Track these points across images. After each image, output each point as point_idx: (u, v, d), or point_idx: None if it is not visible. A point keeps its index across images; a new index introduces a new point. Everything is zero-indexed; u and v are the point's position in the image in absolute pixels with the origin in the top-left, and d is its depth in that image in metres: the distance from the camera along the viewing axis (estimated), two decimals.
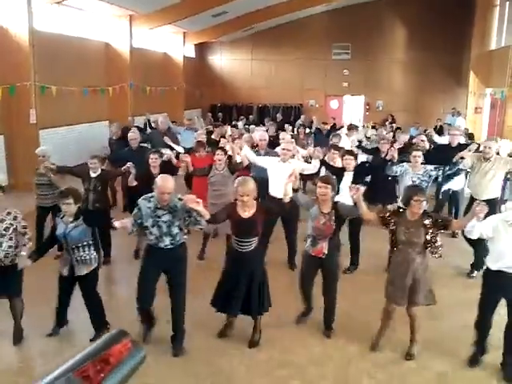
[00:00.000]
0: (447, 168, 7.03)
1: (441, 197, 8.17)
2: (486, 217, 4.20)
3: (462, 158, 6.97)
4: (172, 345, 4.61)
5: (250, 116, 16.84)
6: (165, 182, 4.30)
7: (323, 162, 6.84)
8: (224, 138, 9.81)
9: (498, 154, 7.17)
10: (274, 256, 6.43)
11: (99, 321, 4.79)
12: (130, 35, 15.26)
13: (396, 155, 6.64)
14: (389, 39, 21.70)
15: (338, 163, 6.93)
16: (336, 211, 4.71)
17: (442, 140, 10.44)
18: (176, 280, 4.53)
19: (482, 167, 6.59)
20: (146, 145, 9.34)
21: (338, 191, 5.67)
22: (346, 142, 9.83)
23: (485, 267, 4.44)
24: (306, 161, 7.46)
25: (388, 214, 4.49)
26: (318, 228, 4.70)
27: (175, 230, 4.42)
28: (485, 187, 6.57)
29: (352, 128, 11.25)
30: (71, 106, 12.98)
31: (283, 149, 6.58)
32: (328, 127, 12.55)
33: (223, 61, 23.39)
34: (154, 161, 6.77)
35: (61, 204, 4.55)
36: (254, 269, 4.54)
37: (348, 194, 5.15)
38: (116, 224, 4.48)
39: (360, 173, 6.49)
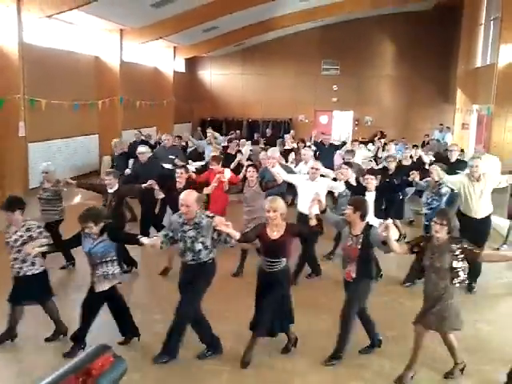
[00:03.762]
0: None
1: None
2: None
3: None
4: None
5: (237, 131, 16.91)
6: (185, 195, 4.51)
7: (346, 182, 6.87)
8: (240, 152, 9.98)
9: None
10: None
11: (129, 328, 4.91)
12: (120, 49, 15.32)
13: (418, 178, 6.69)
14: (377, 56, 22.01)
15: (351, 179, 6.95)
16: (366, 235, 4.52)
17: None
18: (189, 291, 4.57)
19: (475, 188, 6.44)
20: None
21: None
22: (359, 158, 9.83)
23: None
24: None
25: (416, 243, 4.44)
26: (344, 249, 4.67)
27: (198, 247, 4.51)
28: (481, 206, 6.47)
29: (357, 142, 11.23)
30: (61, 120, 12.95)
31: (312, 167, 6.70)
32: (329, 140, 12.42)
33: (213, 75, 23.54)
34: (180, 175, 6.82)
35: (83, 228, 4.59)
36: (281, 288, 4.58)
37: (372, 217, 5.23)
38: (144, 241, 4.55)
39: (383, 192, 6.53)
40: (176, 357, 4.66)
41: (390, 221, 4.75)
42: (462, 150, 12.87)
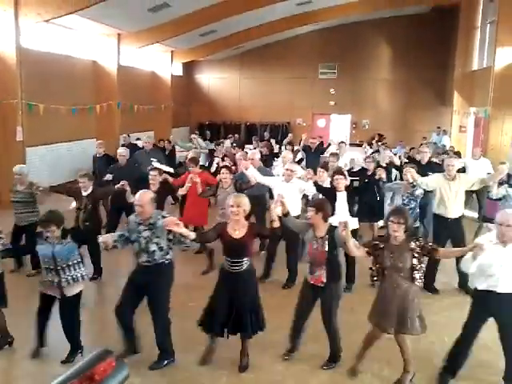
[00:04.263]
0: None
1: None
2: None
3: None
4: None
5: (236, 135, 16.93)
6: (139, 196, 4.48)
7: (315, 184, 6.85)
8: (227, 156, 10.01)
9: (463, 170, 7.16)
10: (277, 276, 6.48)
11: (75, 341, 4.69)
12: (117, 53, 15.32)
13: (384, 175, 6.68)
14: (375, 59, 22.07)
15: (327, 182, 6.93)
16: (330, 237, 4.44)
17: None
18: (153, 297, 4.53)
19: (450, 187, 6.49)
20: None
21: (333, 213, 5.57)
22: (345, 160, 9.85)
23: (473, 287, 4.34)
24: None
25: (374, 244, 4.32)
26: (310, 253, 4.55)
27: (152, 248, 4.45)
28: (456, 206, 6.51)
29: (343, 144, 11.29)
30: (58, 124, 12.94)
31: (287, 169, 6.67)
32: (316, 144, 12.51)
33: (211, 79, 23.57)
34: (153, 177, 6.81)
35: (44, 232, 4.49)
36: (246, 290, 4.47)
37: (343, 215, 5.19)
38: (98, 239, 4.52)
39: (352, 193, 6.47)
40: (174, 359, 4.66)
41: (348, 219, 4.63)
42: (459, 153, 12.90)
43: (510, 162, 9.42)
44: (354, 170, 8.78)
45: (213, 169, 9.63)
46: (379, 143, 17.93)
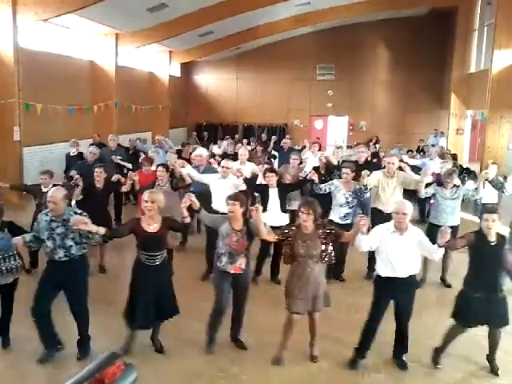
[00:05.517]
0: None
1: None
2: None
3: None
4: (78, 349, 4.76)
5: (236, 136, 16.95)
6: (52, 192, 4.53)
7: (245, 180, 7.02)
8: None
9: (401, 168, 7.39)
10: None
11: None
12: (115, 53, 15.28)
13: (316, 178, 6.76)
14: (372, 61, 22.09)
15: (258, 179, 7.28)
16: (248, 228, 4.75)
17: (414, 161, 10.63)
18: (74, 292, 4.63)
19: (389, 183, 6.79)
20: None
21: (265, 208, 6.29)
22: (313, 159, 9.90)
23: (376, 274, 4.70)
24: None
25: (284, 232, 4.66)
26: (231, 245, 4.74)
27: (69, 243, 4.54)
28: (392, 201, 6.51)
29: (316, 143, 11.39)
30: (56, 124, 12.89)
31: (223, 166, 6.97)
32: (288, 145, 12.55)
33: (209, 80, 23.56)
34: (98, 174, 6.94)
35: None
36: (162, 281, 4.66)
37: (275, 210, 5.74)
38: (13, 240, 4.57)
39: (284, 190, 6.82)
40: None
41: (279, 215, 5.15)
42: (455, 156, 12.94)
43: (508, 164, 9.52)
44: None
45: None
46: (377, 145, 18.02)
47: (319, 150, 11.04)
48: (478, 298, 4.44)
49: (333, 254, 4.62)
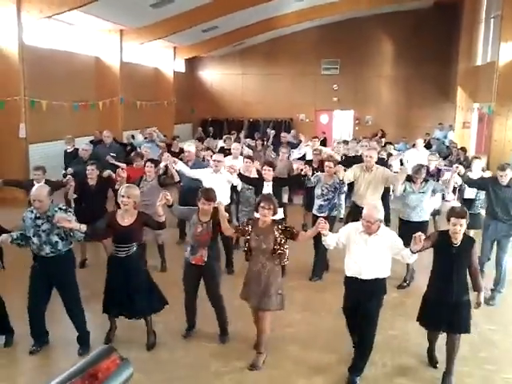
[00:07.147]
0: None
1: None
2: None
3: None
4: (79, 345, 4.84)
5: (243, 131, 16.90)
6: (36, 191, 4.59)
7: (239, 175, 7.06)
8: (182, 151, 10.20)
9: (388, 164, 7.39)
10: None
11: None
12: (120, 50, 15.30)
13: (310, 173, 6.75)
14: (377, 54, 21.96)
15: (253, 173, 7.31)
16: (213, 220, 4.81)
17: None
18: (65, 286, 4.72)
19: (365, 177, 6.78)
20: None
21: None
22: (310, 153, 9.99)
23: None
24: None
25: (239, 227, 4.77)
26: (195, 236, 4.83)
27: (55, 239, 4.59)
28: (369, 196, 6.66)
29: (316, 137, 11.39)
30: (61, 121, 12.93)
31: (214, 160, 7.06)
32: (287, 139, 12.54)
33: (214, 75, 23.51)
34: (90, 172, 6.98)
35: None
36: (133, 272, 4.74)
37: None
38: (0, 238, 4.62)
39: (280, 184, 6.90)
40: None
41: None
42: (464, 149, 12.85)
43: None
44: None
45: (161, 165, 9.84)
46: (382, 139, 17.91)
47: (324, 144, 11.07)
48: (440, 301, 4.31)
49: (287, 255, 4.54)
